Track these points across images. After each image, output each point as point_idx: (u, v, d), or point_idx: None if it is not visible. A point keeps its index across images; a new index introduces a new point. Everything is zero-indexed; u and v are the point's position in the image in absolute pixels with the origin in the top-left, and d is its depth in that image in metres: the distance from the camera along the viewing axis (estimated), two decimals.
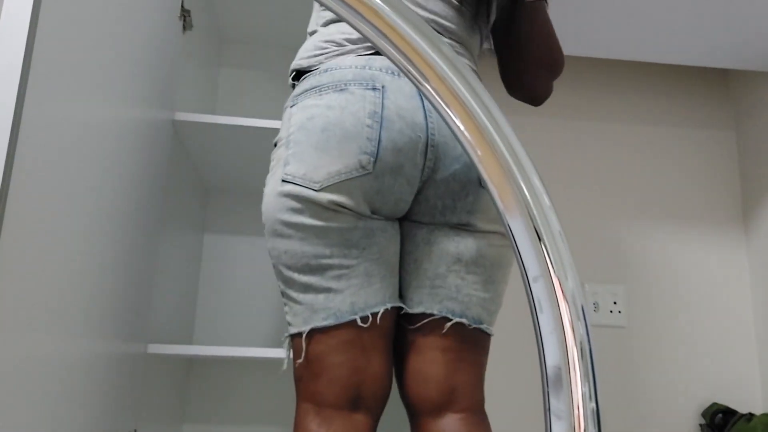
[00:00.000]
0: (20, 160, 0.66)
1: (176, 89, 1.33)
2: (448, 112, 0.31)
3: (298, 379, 0.87)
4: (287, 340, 0.91)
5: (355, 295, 0.85)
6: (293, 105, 0.90)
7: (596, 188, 1.97)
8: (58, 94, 0.74)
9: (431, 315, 0.89)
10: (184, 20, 1.35)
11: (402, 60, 0.32)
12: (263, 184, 1.72)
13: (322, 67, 0.91)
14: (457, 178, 0.88)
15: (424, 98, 0.88)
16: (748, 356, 1.89)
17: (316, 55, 0.94)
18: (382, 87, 0.87)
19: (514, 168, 0.31)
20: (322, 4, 0.32)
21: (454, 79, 0.32)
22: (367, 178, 0.84)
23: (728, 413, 1.73)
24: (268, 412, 1.66)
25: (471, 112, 0.31)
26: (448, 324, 0.89)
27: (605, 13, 1.60)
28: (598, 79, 2.07)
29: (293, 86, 0.99)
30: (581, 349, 0.29)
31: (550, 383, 0.29)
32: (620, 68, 2.09)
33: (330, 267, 0.84)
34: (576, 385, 0.28)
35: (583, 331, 0.29)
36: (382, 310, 0.86)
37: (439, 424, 0.88)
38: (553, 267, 0.30)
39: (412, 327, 0.91)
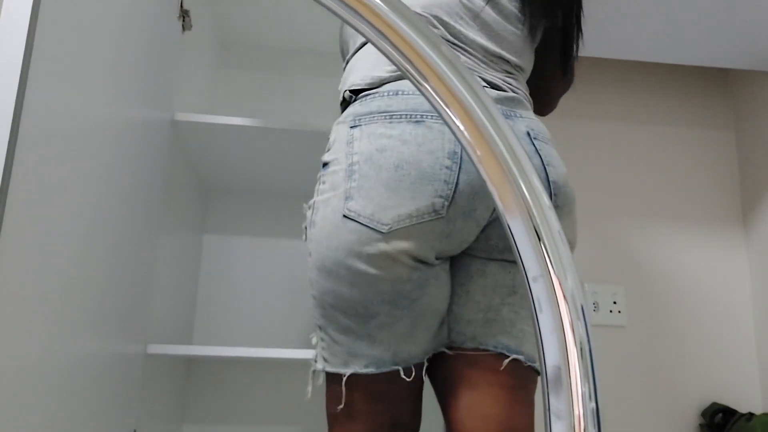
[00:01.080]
0: (20, 160, 0.66)
1: (176, 89, 1.33)
2: (447, 112, 0.31)
3: (333, 417, 0.84)
4: (320, 375, 0.86)
5: (397, 345, 0.80)
6: (355, 126, 0.82)
7: (596, 188, 1.97)
8: (57, 94, 0.74)
9: (485, 350, 0.83)
10: (184, 20, 1.35)
11: (401, 60, 0.32)
12: (263, 184, 1.72)
13: (391, 87, 0.83)
14: None
15: None
16: (748, 356, 1.89)
17: (383, 72, 0.86)
18: None
19: (514, 168, 0.31)
20: (321, 5, 0.32)
21: (454, 79, 0.32)
22: (438, 223, 0.78)
23: (728, 413, 1.73)
24: (268, 412, 1.66)
25: (470, 112, 0.31)
26: (506, 361, 0.83)
27: (605, 13, 1.60)
28: (598, 78, 2.07)
29: (346, 99, 0.91)
30: (581, 349, 0.29)
31: (550, 383, 0.29)
32: (620, 68, 2.09)
33: (376, 315, 0.79)
34: (576, 385, 0.28)
35: (583, 331, 0.29)
36: (426, 364, 0.83)
37: None
38: (552, 267, 0.30)
39: (462, 362, 0.85)
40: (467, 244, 0.84)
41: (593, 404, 0.28)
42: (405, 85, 0.83)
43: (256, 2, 1.71)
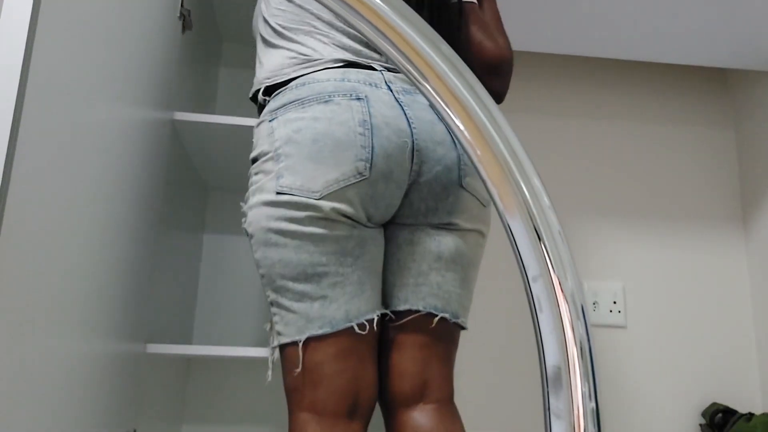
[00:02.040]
0: (20, 160, 0.66)
1: (175, 89, 1.33)
2: (447, 112, 0.31)
3: (293, 390, 0.87)
4: (275, 351, 0.91)
5: (349, 303, 0.86)
6: (273, 119, 0.91)
7: (596, 188, 1.97)
8: (57, 94, 0.74)
9: (416, 311, 0.92)
10: (184, 20, 1.35)
11: (401, 60, 0.32)
12: None
13: (297, 81, 0.92)
14: (440, 181, 0.91)
15: (402, 105, 0.91)
16: (748, 356, 1.89)
17: (286, 66, 0.95)
18: (366, 97, 0.89)
19: (514, 168, 0.31)
20: (321, 4, 0.32)
21: (454, 78, 0.32)
22: (363, 184, 0.86)
23: (728, 413, 1.73)
24: (268, 412, 1.66)
25: (470, 111, 0.31)
26: (436, 319, 0.91)
27: (605, 13, 1.60)
28: (598, 78, 2.07)
29: (261, 103, 1.00)
30: (581, 349, 0.29)
31: (550, 383, 0.29)
32: (620, 68, 2.09)
33: (326, 275, 0.86)
34: (576, 385, 0.29)
35: (582, 330, 0.29)
36: (375, 317, 0.88)
37: (411, 416, 0.90)
38: (552, 266, 0.30)
39: (394, 324, 0.93)
40: (393, 209, 0.91)
41: (593, 404, 0.28)
42: (309, 77, 0.92)
43: (256, 2, 1.71)
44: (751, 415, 1.69)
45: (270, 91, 0.98)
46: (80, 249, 0.83)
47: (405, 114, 0.90)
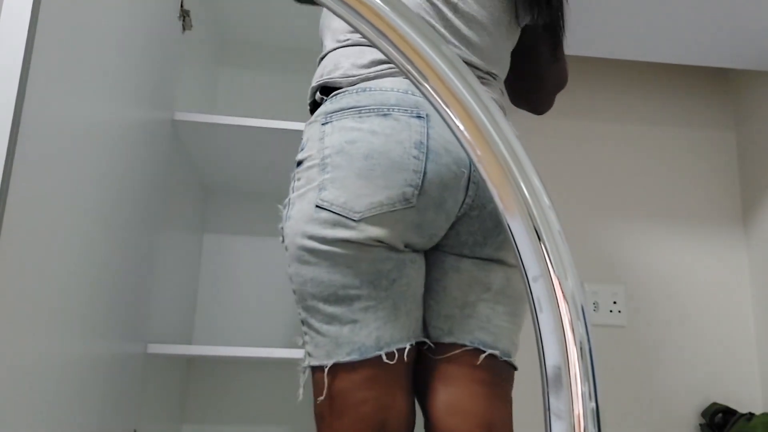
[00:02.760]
0: (20, 160, 0.66)
1: (176, 89, 1.33)
2: (447, 112, 0.31)
3: (321, 418, 0.83)
4: (307, 371, 0.86)
5: (381, 329, 0.81)
6: (326, 122, 0.84)
7: (596, 188, 1.97)
8: (57, 94, 0.74)
9: (462, 346, 0.85)
10: (184, 20, 1.35)
11: (401, 60, 0.32)
12: (263, 184, 1.72)
13: (359, 86, 0.85)
14: (493, 217, 0.86)
15: None
16: (748, 356, 1.89)
17: (351, 75, 0.88)
18: (427, 115, 0.82)
19: (514, 168, 0.31)
20: (322, 5, 0.32)
21: (454, 79, 0.32)
22: (410, 212, 0.81)
23: (728, 413, 1.73)
24: (268, 412, 1.66)
25: (470, 112, 0.31)
26: (482, 356, 0.84)
27: (605, 13, 1.60)
28: (598, 78, 2.07)
29: (317, 101, 0.94)
30: (581, 349, 0.29)
31: (550, 383, 0.29)
32: (620, 68, 2.09)
33: (358, 298, 0.80)
34: (576, 385, 0.28)
35: (583, 330, 0.29)
36: (408, 347, 0.82)
37: None
38: (552, 267, 0.30)
39: (439, 357, 0.86)
40: (437, 239, 0.86)
41: (593, 404, 0.28)
42: (372, 83, 0.86)
43: (256, 2, 1.71)
44: (751, 415, 1.69)
45: (328, 91, 0.91)
46: (80, 249, 0.83)
47: None
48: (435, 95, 0.32)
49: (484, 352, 0.85)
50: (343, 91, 0.87)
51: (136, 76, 1.04)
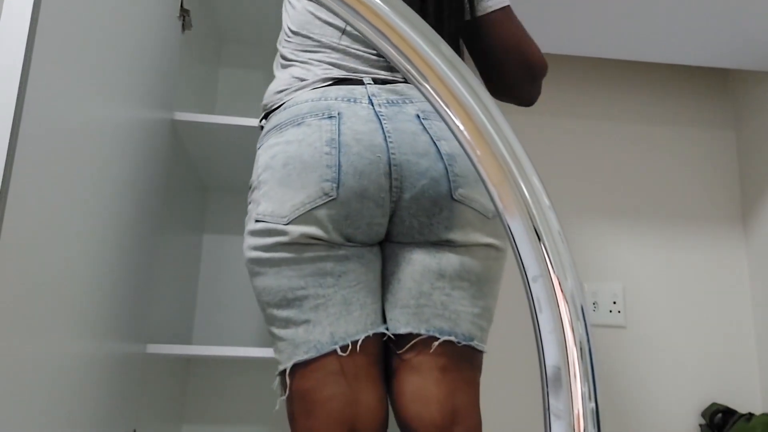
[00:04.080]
0: (20, 160, 0.66)
1: (175, 89, 1.33)
2: (447, 112, 0.31)
3: (291, 419, 0.85)
4: (278, 379, 0.89)
5: (334, 324, 0.83)
6: (259, 147, 0.92)
7: (596, 188, 1.97)
8: (58, 94, 0.74)
9: (418, 335, 0.86)
10: (184, 20, 1.35)
11: (401, 60, 0.32)
12: None
13: (282, 105, 0.92)
14: (427, 195, 0.86)
15: (381, 119, 0.87)
16: (748, 356, 1.89)
17: (278, 92, 0.95)
18: (338, 114, 0.86)
19: (514, 168, 0.31)
20: (322, 5, 0.32)
21: (454, 79, 0.32)
22: (333, 205, 0.84)
23: (728, 413, 1.73)
24: (268, 412, 1.66)
25: (470, 111, 0.31)
26: (436, 343, 0.86)
27: (605, 13, 1.60)
28: (598, 78, 2.07)
29: (261, 128, 1.00)
30: (581, 349, 0.29)
31: (549, 383, 0.29)
32: (620, 68, 2.09)
33: (306, 298, 0.84)
34: (576, 385, 0.28)
35: (582, 330, 0.29)
36: (362, 338, 0.84)
37: None
38: (552, 267, 0.30)
39: (400, 350, 0.88)
40: (381, 228, 0.87)
41: (593, 404, 0.28)
42: (291, 100, 0.91)
43: (256, 2, 1.71)
44: (751, 415, 1.69)
45: (267, 116, 0.98)
46: (80, 249, 0.83)
47: (382, 127, 0.86)
48: (435, 95, 0.32)
49: (439, 338, 0.86)
50: (271, 114, 0.94)
51: (135, 75, 1.04)
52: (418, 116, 0.89)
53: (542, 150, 1.99)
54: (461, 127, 0.31)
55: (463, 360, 0.88)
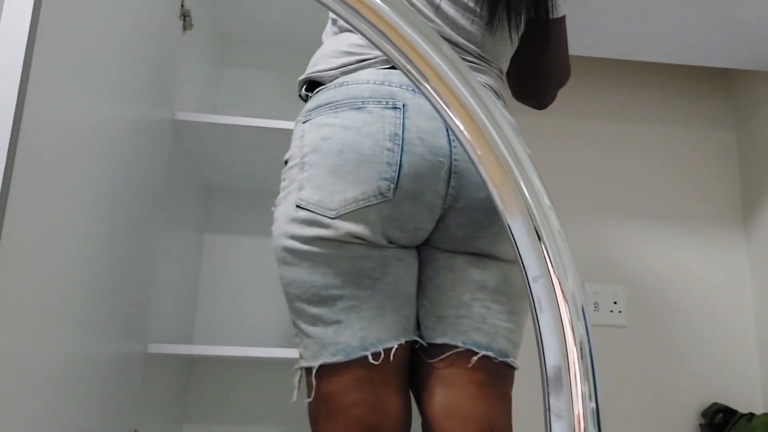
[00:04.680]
0: (21, 160, 0.66)
1: (176, 89, 1.33)
2: (447, 112, 0.31)
3: (314, 419, 0.81)
4: (298, 373, 0.85)
5: (366, 329, 0.79)
6: (306, 121, 0.84)
7: (596, 188, 1.97)
8: (58, 94, 0.74)
9: (455, 347, 0.82)
10: (184, 20, 1.35)
11: (401, 60, 0.32)
12: (264, 184, 1.72)
13: (337, 81, 0.85)
14: (481, 207, 0.82)
15: None
16: (748, 356, 1.89)
17: (330, 68, 0.88)
18: (403, 106, 0.80)
19: (514, 168, 0.31)
20: (322, 4, 0.32)
21: (454, 79, 0.32)
22: (386, 206, 0.79)
23: (728, 413, 1.73)
24: (268, 412, 1.66)
25: (471, 112, 0.31)
26: (475, 358, 0.82)
27: (605, 13, 1.60)
28: (598, 79, 2.07)
29: (305, 98, 0.93)
30: (581, 349, 0.29)
31: (550, 383, 0.29)
32: (620, 68, 2.09)
33: (340, 298, 0.79)
34: (576, 385, 0.28)
35: (583, 330, 0.29)
36: (395, 346, 0.80)
37: None
38: (553, 267, 0.30)
39: (433, 359, 0.84)
40: (425, 233, 0.83)
41: (593, 404, 0.28)
42: (349, 77, 0.84)
43: (256, 2, 1.71)
44: (751, 415, 1.69)
45: (313, 85, 0.91)
46: (81, 249, 0.83)
47: (447, 129, 0.80)
48: (435, 95, 0.32)
49: (477, 353, 0.82)
50: (323, 87, 0.86)
51: (136, 75, 1.04)
52: None
53: (542, 150, 1.99)
54: (461, 127, 0.31)
55: (498, 376, 0.84)
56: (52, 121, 0.73)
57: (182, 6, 1.33)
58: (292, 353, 1.23)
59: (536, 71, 1.05)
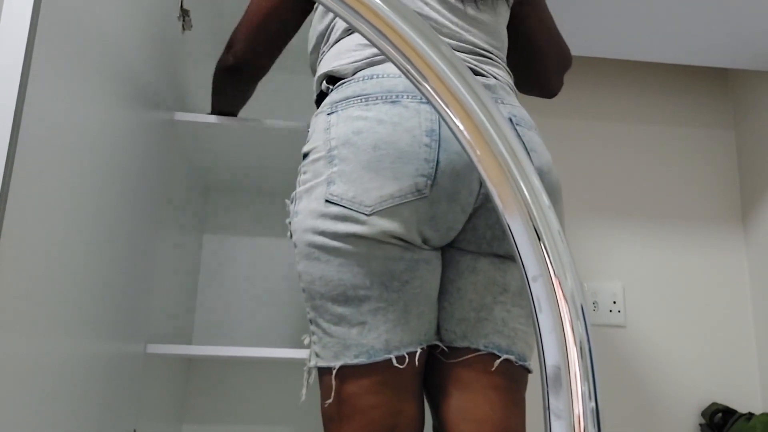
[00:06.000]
0: (20, 160, 0.66)
1: (175, 89, 1.33)
2: (447, 112, 0.31)
3: (329, 420, 0.80)
4: (313, 372, 0.83)
5: (391, 332, 0.77)
6: (332, 112, 0.82)
7: (596, 187, 1.97)
8: (58, 95, 0.74)
9: (476, 350, 0.81)
10: (184, 20, 1.35)
11: (401, 60, 0.32)
12: (263, 184, 1.72)
13: (366, 72, 0.83)
14: None
15: None
16: (748, 356, 1.89)
17: (354, 60, 0.85)
18: None
19: (514, 168, 0.31)
20: (322, 4, 0.32)
21: (454, 78, 0.32)
22: (422, 203, 0.77)
23: (728, 413, 1.73)
24: (268, 412, 1.66)
25: (470, 111, 0.31)
26: (497, 362, 0.81)
27: (605, 13, 1.60)
28: (598, 78, 2.07)
29: (323, 92, 0.91)
30: (581, 349, 0.29)
31: (549, 383, 0.29)
32: (620, 68, 2.09)
33: (368, 299, 0.77)
34: (576, 385, 0.29)
35: (582, 330, 0.29)
36: (418, 350, 0.79)
37: None
38: (552, 266, 0.30)
39: (452, 361, 0.83)
40: (454, 233, 0.82)
41: (593, 404, 0.28)
42: (379, 69, 0.82)
43: None
44: (751, 415, 1.69)
45: (335, 80, 0.88)
46: (80, 249, 0.83)
47: None
48: (435, 95, 0.32)
49: (499, 357, 0.81)
50: (350, 80, 0.84)
51: (136, 76, 1.04)
52: (511, 120, 0.83)
53: None
54: (461, 127, 0.31)
55: (515, 381, 0.83)
56: (51, 122, 0.73)
57: (182, 6, 1.33)
58: (292, 353, 1.23)
59: (529, 52, 1.04)
